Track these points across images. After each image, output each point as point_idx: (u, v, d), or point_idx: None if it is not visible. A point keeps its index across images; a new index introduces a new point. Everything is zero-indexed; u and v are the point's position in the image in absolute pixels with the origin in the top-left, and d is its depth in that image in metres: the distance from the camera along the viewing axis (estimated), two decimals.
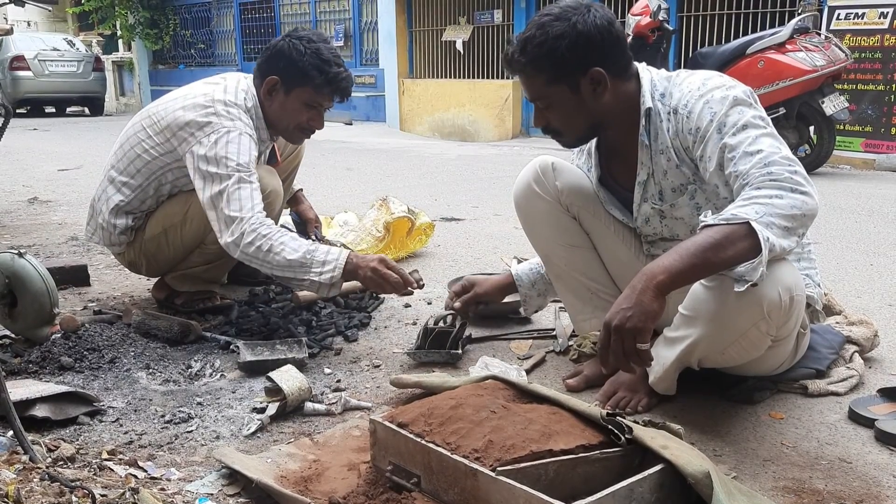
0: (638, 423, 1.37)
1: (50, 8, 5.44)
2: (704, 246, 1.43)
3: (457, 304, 2.20)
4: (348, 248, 3.09)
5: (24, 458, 1.40)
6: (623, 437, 1.30)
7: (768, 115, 1.64)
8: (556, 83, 1.72)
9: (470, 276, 2.33)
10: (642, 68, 1.79)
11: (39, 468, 1.35)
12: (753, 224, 1.42)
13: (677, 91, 1.73)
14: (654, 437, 1.30)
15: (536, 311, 2.34)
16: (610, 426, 1.33)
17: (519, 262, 2.89)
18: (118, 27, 16.33)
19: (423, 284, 2.19)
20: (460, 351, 2.11)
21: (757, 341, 1.63)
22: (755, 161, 1.52)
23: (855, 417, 1.72)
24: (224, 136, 2.19)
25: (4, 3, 4.28)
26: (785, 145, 1.57)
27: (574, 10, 1.70)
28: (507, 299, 2.50)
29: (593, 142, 1.96)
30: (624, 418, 1.35)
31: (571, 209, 1.99)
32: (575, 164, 2.04)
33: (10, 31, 4.01)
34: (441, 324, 2.16)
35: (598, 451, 1.29)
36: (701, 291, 1.60)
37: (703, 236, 1.45)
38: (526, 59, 1.72)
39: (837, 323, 2.11)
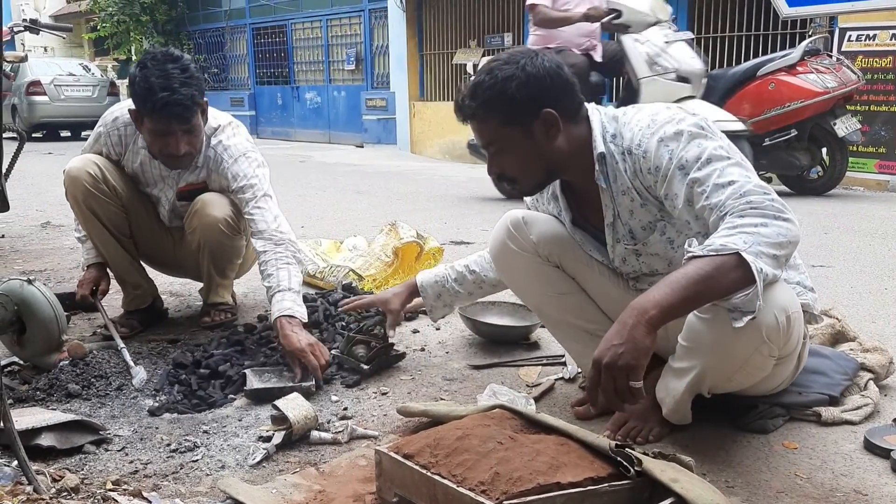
0: (647, 454, 1.35)
1: (65, 36, 5.49)
2: (695, 278, 1.41)
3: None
4: (358, 274, 3.12)
5: (29, 488, 1.40)
6: (632, 470, 1.28)
7: (780, 136, 1.63)
8: (509, 125, 1.71)
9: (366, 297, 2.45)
10: (591, 109, 1.77)
11: (43, 499, 1.34)
12: (744, 255, 1.39)
13: (627, 131, 1.71)
14: (663, 470, 1.28)
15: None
16: (619, 458, 1.31)
17: None
18: (133, 52, 16.56)
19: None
20: (368, 367, 2.15)
21: (761, 364, 1.61)
22: (729, 192, 1.50)
23: (871, 447, 1.69)
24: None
25: (20, 31, 4.34)
26: (753, 172, 1.56)
27: (522, 55, 1.72)
28: (511, 324, 2.53)
29: (557, 185, 1.92)
30: (633, 449, 1.33)
31: (552, 258, 1.95)
32: (543, 210, 2.01)
33: (24, 59, 4.07)
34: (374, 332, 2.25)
35: (606, 484, 1.27)
36: (696, 323, 1.58)
37: (693, 268, 1.42)
38: (477, 102, 1.71)
39: (851, 349, 2.08)
